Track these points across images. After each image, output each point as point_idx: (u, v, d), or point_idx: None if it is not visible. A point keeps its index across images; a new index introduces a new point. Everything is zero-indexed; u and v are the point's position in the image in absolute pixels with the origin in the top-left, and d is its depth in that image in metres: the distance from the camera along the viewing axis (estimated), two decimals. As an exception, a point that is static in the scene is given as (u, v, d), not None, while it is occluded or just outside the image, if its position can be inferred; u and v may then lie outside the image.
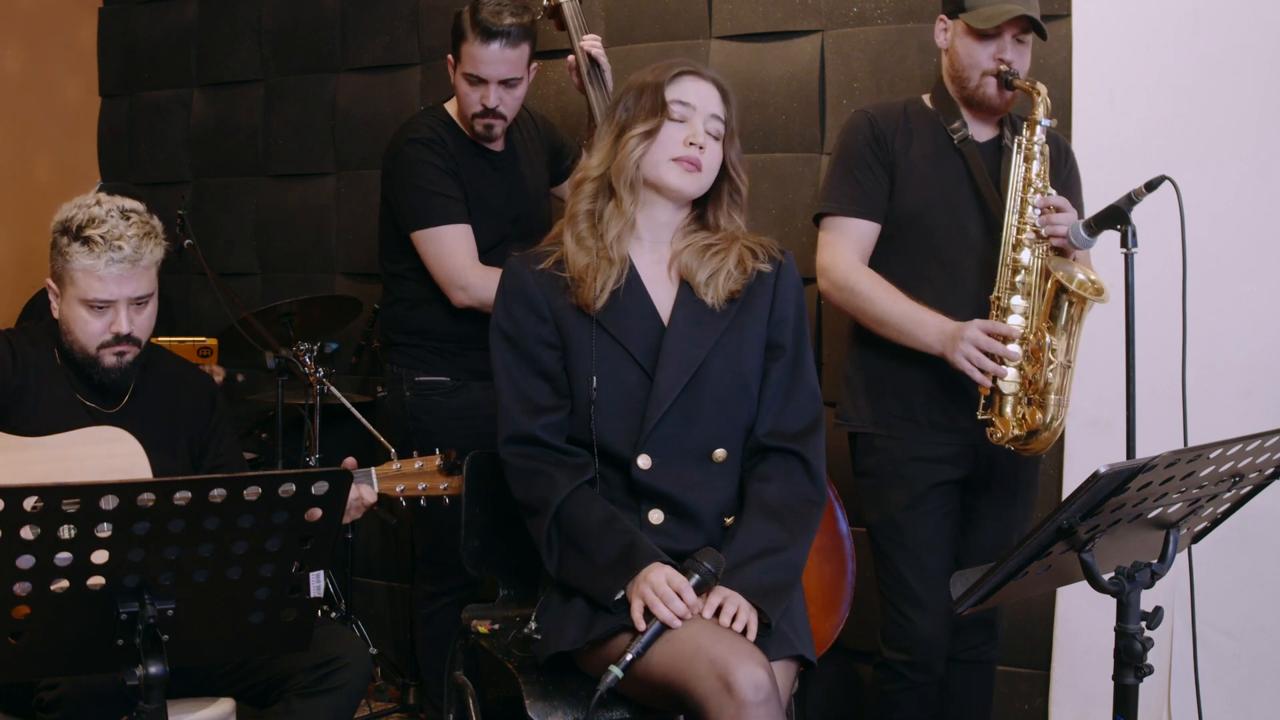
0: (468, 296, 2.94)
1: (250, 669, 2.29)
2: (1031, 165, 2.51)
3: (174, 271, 4.05)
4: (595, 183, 2.15)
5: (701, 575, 1.95)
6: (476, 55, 2.89)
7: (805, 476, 2.13)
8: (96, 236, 2.26)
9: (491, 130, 2.99)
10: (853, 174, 2.63)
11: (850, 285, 2.58)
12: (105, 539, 1.61)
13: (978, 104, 2.61)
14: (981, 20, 2.52)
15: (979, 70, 2.56)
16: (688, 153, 2.10)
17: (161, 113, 4.32)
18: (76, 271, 2.28)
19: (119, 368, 2.35)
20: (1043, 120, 2.52)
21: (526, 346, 2.12)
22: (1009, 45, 2.54)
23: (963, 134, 2.62)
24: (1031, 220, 2.49)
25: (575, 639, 2.00)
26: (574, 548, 2.04)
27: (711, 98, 2.15)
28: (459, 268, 2.94)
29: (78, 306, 2.31)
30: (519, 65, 2.94)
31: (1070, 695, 3.04)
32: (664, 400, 2.07)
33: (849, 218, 2.63)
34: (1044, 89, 2.53)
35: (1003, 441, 2.47)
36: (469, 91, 2.95)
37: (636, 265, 2.15)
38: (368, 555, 3.94)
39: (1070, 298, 2.44)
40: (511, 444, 2.11)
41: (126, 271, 2.29)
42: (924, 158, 2.63)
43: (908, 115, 2.67)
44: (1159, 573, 1.76)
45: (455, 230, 2.95)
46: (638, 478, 2.08)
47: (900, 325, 2.53)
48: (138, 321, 2.35)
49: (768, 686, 1.79)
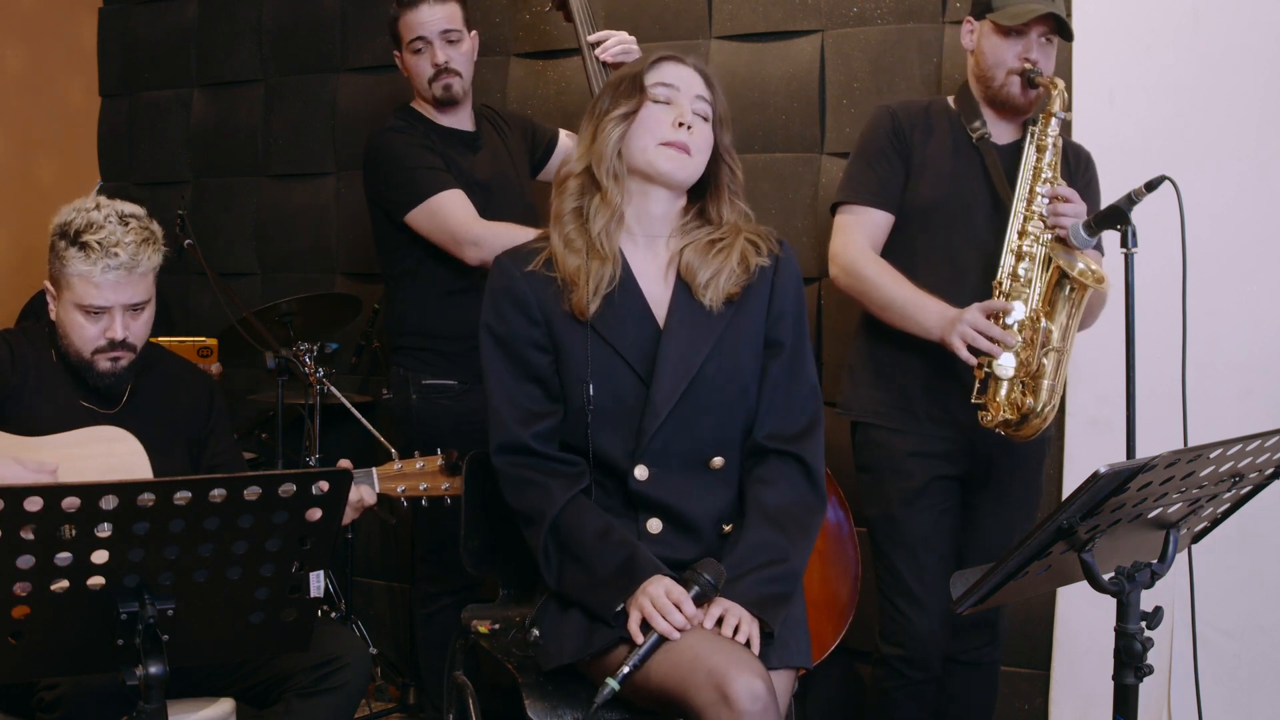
0: (480, 251, 2.86)
1: (250, 669, 2.29)
2: (1043, 155, 2.54)
3: (174, 271, 4.04)
4: (579, 178, 2.08)
5: (701, 587, 1.92)
6: (411, 21, 2.97)
7: (805, 480, 2.09)
8: (93, 242, 2.26)
9: (450, 90, 3.00)
10: (870, 165, 2.66)
11: (858, 270, 2.60)
12: (105, 539, 1.61)
13: (1002, 103, 2.62)
14: (1009, 18, 2.55)
15: (1004, 69, 2.58)
16: (676, 135, 2.02)
17: (161, 113, 4.32)
18: (73, 276, 2.28)
19: (113, 373, 2.35)
20: (1058, 113, 2.54)
21: (517, 349, 2.06)
22: (1035, 45, 2.56)
23: (981, 133, 2.63)
24: (1038, 209, 2.51)
25: (575, 651, 1.98)
26: (572, 560, 2.00)
27: (695, 81, 2.09)
28: (463, 224, 2.90)
29: (73, 311, 2.31)
30: (455, 19, 2.99)
31: (1070, 695, 3.04)
32: (661, 410, 2.02)
33: (864, 206, 2.65)
34: (1061, 83, 2.54)
35: (992, 424, 2.47)
36: (417, 61, 3.00)
37: (629, 262, 2.09)
38: (368, 555, 3.94)
39: (1071, 284, 2.44)
40: (504, 453, 2.07)
41: (123, 278, 2.28)
42: (941, 153, 2.65)
43: (930, 113, 2.70)
44: (1159, 573, 1.76)
45: (449, 195, 2.93)
46: (635, 489, 2.04)
47: (903, 309, 2.54)
48: (133, 327, 2.35)
49: (765, 696, 1.78)
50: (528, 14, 3.65)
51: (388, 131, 3.00)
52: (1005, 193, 2.58)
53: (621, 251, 2.09)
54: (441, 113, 3.06)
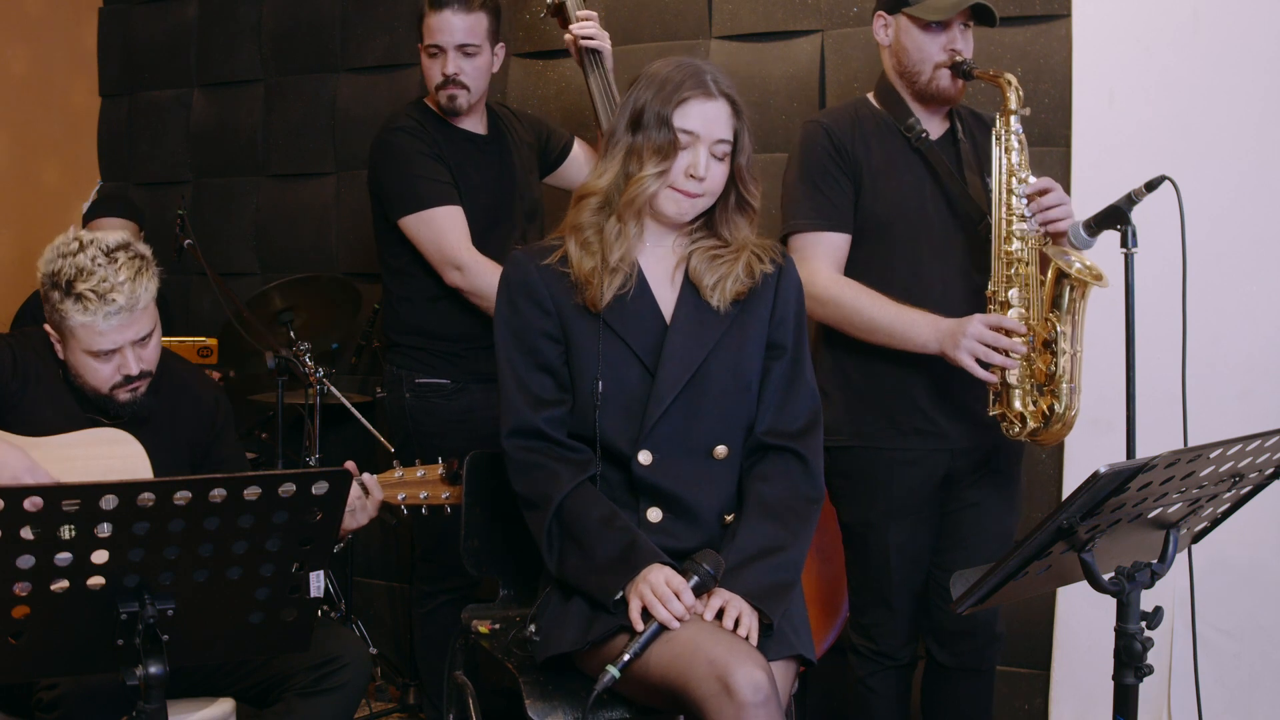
0: (462, 278, 2.91)
1: (250, 669, 2.29)
2: (1011, 156, 2.47)
3: (174, 271, 4.05)
4: (600, 197, 2.12)
5: (701, 577, 1.95)
6: (432, 25, 2.93)
7: (804, 475, 2.13)
8: (88, 292, 2.22)
9: (455, 101, 2.97)
10: (817, 188, 2.58)
11: (833, 297, 2.53)
12: (105, 539, 1.61)
13: (931, 97, 2.57)
14: (931, 11, 2.49)
15: (931, 63, 2.52)
16: (686, 184, 2.08)
17: (161, 113, 4.32)
18: (75, 327, 2.26)
19: (134, 401, 2.35)
20: (1018, 110, 2.46)
21: (530, 339, 2.12)
22: (958, 35, 2.51)
23: (918, 131, 2.57)
24: (1019, 210, 2.46)
25: (574, 640, 2.00)
26: (574, 544, 2.03)
27: (720, 118, 2.08)
28: (453, 245, 2.91)
29: (83, 356, 2.29)
30: (475, 32, 2.94)
31: (1070, 695, 3.04)
32: (665, 397, 2.07)
33: (818, 232, 2.58)
34: (1013, 78, 2.48)
35: (1020, 435, 2.46)
36: (430, 64, 2.97)
37: (641, 266, 2.15)
38: (368, 555, 3.95)
39: (1071, 283, 2.40)
40: (515, 436, 2.11)
41: (125, 320, 2.26)
42: (885, 163, 2.58)
43: (859, 119, 2.62)
44: (1159, 573, 1.76)
45: (447, 211, 2.93)
46: (638, 474, 2.08)
47: (891, 329, 2.48)
48: (145, 356, 2.33)
49: (767, 687, 1.79)
50: (527, 14, 3.65)
51: (399, 131, 2.99)
52: (959, 189, 2.55)
53: (635, 259, 2.15)
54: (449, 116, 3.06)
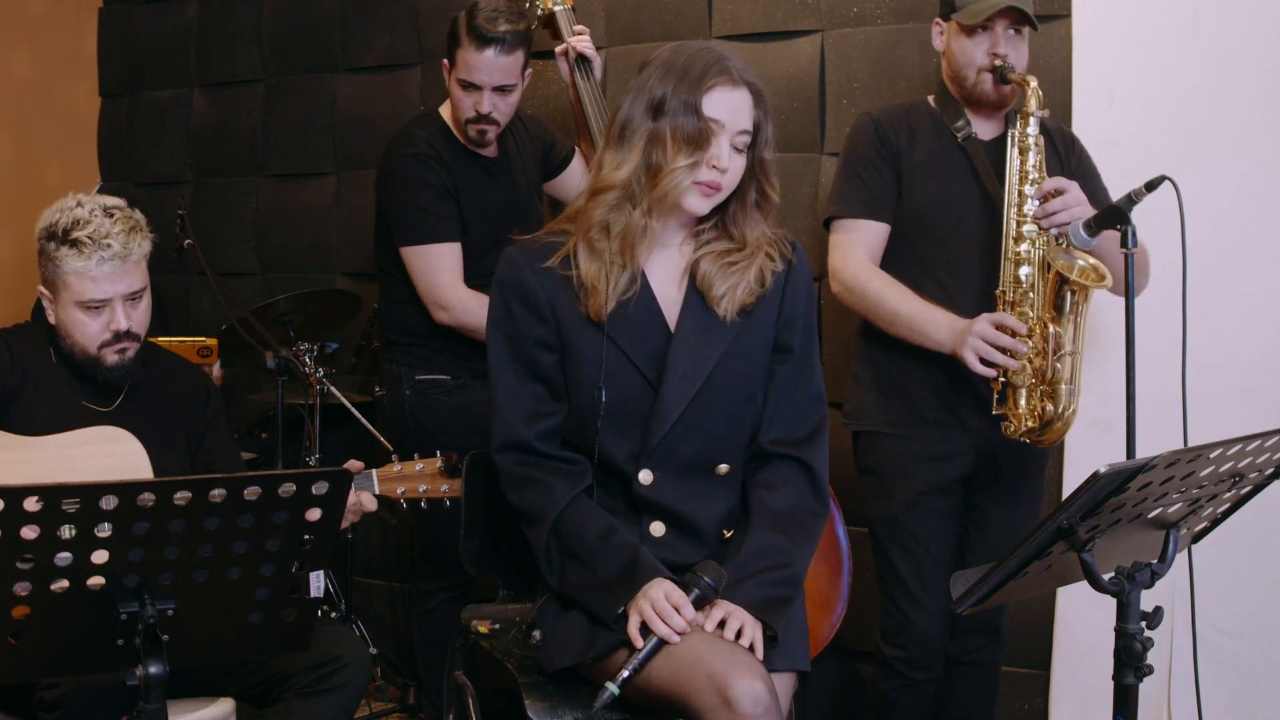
0: (448, 316, 2.97)
1: (250, 669, 2.29)
2: (1026, 157, 2.53)
3: (174, 271, 4.06)
4: (619, 191, 1.99)
5: (701, 590, 1.92)
6: (471, 62, 2.90)
7: (808, 485, 2.08)
8: (84, 237, 2.27)
9: (484, 136, 3.00)
10: (859, 176, 2.65)
11: (861, 286, 2.59)
12: (105, 539, 1.61)
13: (977, 100, 2.62)
14: (969, 16, 2.55)
15: (974, 67, 2.58)
16: (710, 176, 1.97)
17: (161, 113, 4.32)
18: (68, 275, 2.29)
19: (122, 364, 2.36)
20: (1035, 112, 2.53)
21: (524, 347, 2.04)
22: (1002, 39, 2.56)
23: (966, 132, 2.63)
24: (1030, 212, 2.50)
25: (576, 654, 1.97)
26: (575, 561, 1.99)
27: (743, 107, 1.99)
28: (442, 286, 2.96)
29: (73, 309, 2.32)
30: (513, 72, 2.94)
31: (1070, 695, 3.04)
32: (669, 416, 2.01)
33: (858, 219, 2.64)
34: (1034, 81, 2.53)
35: (1017, 435, 2.48)
36: (463, 97, 2.96)
37: (645, 268, 2.06)
38: (368, 555, 3.95)
39: (1072, 286, 2.44)
40: (507, 450, 2.05)
41: (118, 269, 2.30)
42: (929, 157, 2.64)
43: (911, 116, 2.69)
44: (1159, 573, 1.76)
45: (444, 249, 2.97)
46: (639, 493, 2.03)
47: (911, 323, 2.54)
48: (135, 316, 2.36)
49: (766, 699, 1.77)
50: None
51: (411, 157, 2.98)
52: (995, 190, 2.58)
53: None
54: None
